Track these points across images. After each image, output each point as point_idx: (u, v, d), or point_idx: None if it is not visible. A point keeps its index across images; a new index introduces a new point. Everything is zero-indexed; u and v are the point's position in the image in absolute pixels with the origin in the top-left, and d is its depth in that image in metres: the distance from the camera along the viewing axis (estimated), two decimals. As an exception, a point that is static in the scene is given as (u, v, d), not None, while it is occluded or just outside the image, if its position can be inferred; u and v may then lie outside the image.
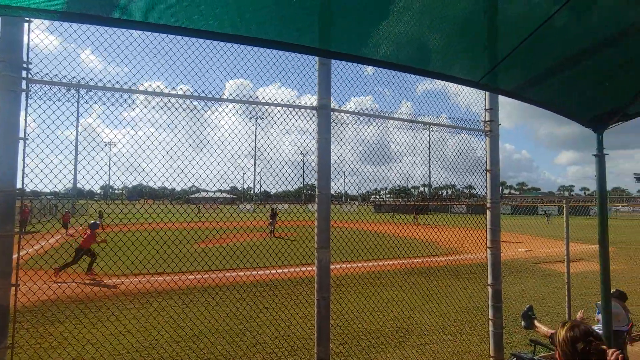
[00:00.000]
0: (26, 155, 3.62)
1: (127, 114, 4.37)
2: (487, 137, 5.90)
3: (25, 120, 3.53)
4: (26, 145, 3.60)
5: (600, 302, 3.46)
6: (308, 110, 4.80)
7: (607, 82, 3.07)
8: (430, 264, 12.56)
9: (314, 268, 4.56)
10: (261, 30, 2.12)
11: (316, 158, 4.63)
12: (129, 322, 6.80)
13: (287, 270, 12.51)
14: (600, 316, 4.44)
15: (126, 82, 3.95)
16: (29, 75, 3.52)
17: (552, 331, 5.41)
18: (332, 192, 6.26)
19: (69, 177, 4.02)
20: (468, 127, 5.95)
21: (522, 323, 5.82)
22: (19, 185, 3.46)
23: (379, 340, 6.71)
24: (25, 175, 3.64)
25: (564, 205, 6.99)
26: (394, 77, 5.69)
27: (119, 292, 8.97)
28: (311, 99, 4.78)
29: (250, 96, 4.63)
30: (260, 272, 12.22)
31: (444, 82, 3.40)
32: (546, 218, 35.88)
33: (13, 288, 3.37)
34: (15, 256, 3.43)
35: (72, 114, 3.95)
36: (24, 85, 3.48)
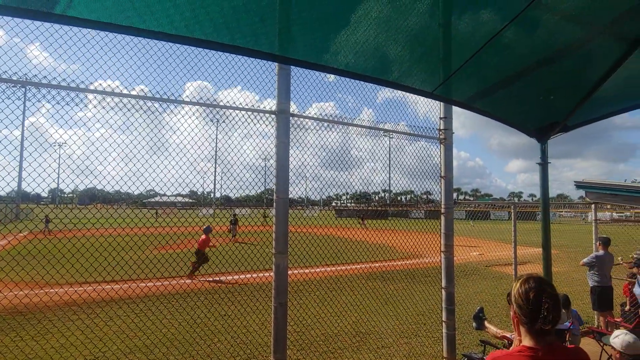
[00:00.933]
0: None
1: (77, 114, 4.12)
2: (441, 145, 6.11)
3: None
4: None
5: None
6: (268, 115, 4.76)
7: (550, 95, 3.27)
8: (388, 268, 12.80)
9: (272, 273, 4.51)
10: (217, 33, 2.08)
11: (275, 163, 4.60)
12: (72, 334, 6.41)
13: (246, 276, 12.31)
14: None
15: (74, 80, 3.75)
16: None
17: (502, 332, 5.66)
18: (295, 196, 6.23)
19: (8, 179, 3.72)
20: (425, 134, 6.14)
21: (474, 324, 6.05)
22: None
23: (337, 345, 6.73)
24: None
25: (512, 211, 7.37)
26: (355, 85, 5.78)
27: (63, 302, 8.44)
28: (271, 103, 4.76)
29: (208, 99, 4.54)
30: (217, 279, 11.94)
31: (402, 92, 3.50)
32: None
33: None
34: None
35: (13, 111, 3.69)
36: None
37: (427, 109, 6.42)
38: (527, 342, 1.80)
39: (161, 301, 9.03)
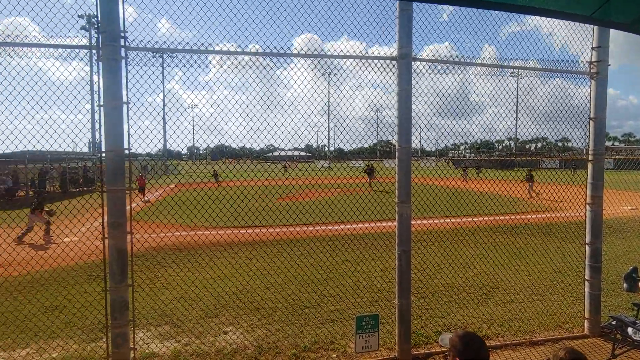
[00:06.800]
0: (129, 118, 3.98)
1: (201, 78, 4.59)
2: (592, 81, 5.23)
3: (127, 85, 3.86)
4: (129, 108, 3.94)
5: None
6: (381, 63, 4.58)
7: None
8: (516, 221, 11.87)
9: (392, 224, 4.57)
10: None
11: (390, 112, 4.51)
12: (221, 270, 7.47)
13: (364, 225, 12.72)
14: None
15: (195, 43, 4.10)
16: (126, 44, 3.80)
17: None
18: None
19: (155, 140, 4.36)
20: (569, 69, 5.29)
21: (624, 285, 5.34)
22: (125, 146, 3.86)
23: (461, 296, 6.64)
24: (130, 136, 4.04)
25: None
26: (473, 21, 5.12)
27: (210, 242, 9.85)
28: (381, 50, 4.56)
29: (315, 50, 4.54)
30: (336, 227, 12.55)
31: (534, 22, 3.02)
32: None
33: (129, 235, 3.87)
34: (128, 208, 3.90)
35: (150, 79, 4.22)
36: (122, 53, 3.77)
37: (565, 40, 5.42)
38: None
39: (287, 245, 9.92)
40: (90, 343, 5.10)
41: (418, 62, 4.65)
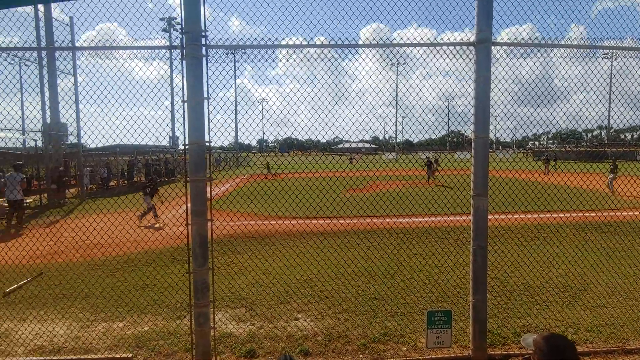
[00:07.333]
0: (210, 112, 4.23)
1: (271, 73, 4.74)
2: None
3: (207, 82, 4.11)
4: (209, 104, 4.18)
5: None
6: (457, 49, 4.35)
7: None
8: (609, 218, 10.73)
9: (461, 217, 4.37)
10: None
11: (466, 102, 4.29)
12: (292, 259, 7.71)
13: (433, 218, 12.32)
14: None
15: (270, 38, 4.22)
16: (207, 42, 4.04)
17: None
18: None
19: (229, 133, 4.60)
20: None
21: None
22: (206, 139, 4.12)
23: (543, 297, 6.18)
24: (210, 130, 4.30)
25: None
26: None
27: (282, 231, 10.20)
28: (455, 36, 4.35)
29: (388, 40, 4.42)
30: (405, 220, 12.31)
31: None
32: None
33: (209, 223, 4.14)
34: (208, 196, 4.16)
35: (228, 74, 4.43)
36: (203, 51, 4.02)
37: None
38: None
39: (357, 236, 9.94)
40: (175, 320, 5.57)
41: (498, 47, 4.38)
